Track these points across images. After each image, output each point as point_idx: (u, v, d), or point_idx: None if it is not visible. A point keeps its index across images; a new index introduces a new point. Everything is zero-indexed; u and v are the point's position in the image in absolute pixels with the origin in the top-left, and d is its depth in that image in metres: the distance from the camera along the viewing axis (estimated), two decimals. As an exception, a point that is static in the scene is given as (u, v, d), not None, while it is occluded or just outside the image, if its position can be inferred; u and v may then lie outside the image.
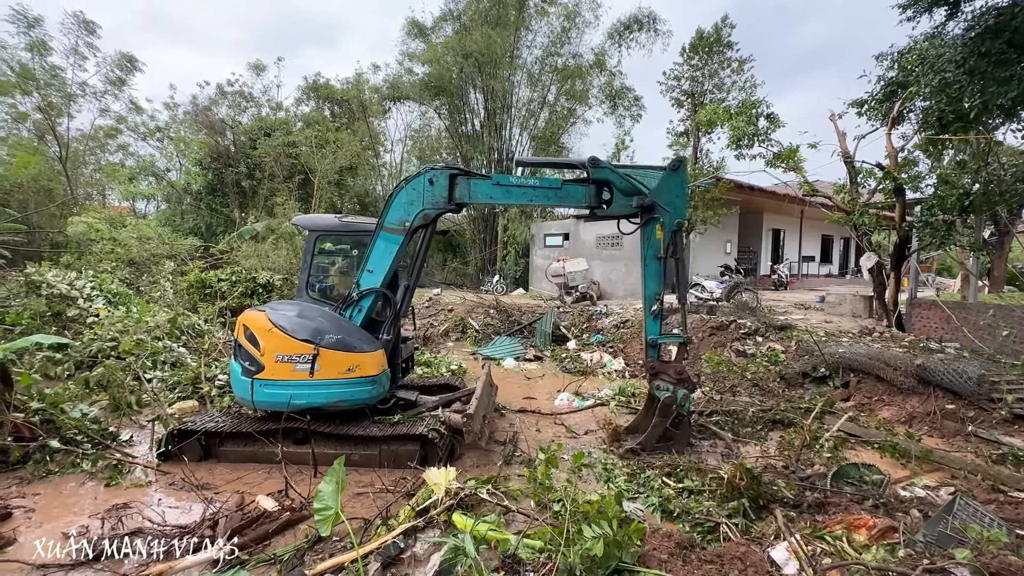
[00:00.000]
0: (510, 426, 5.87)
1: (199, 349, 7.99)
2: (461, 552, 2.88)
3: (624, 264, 16.58)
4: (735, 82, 16.64)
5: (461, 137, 24.06)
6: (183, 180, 25.47)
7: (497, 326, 12.37)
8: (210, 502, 3.89)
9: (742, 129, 10.55)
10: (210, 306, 10.89)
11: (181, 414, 5.75)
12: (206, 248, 17.08)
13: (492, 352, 10.28)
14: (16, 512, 3.80)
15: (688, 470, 4.39)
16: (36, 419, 4.71)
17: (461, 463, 4.67)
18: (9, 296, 9.58)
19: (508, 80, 22.62)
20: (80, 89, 22.53)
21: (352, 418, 4.83)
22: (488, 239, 23.69)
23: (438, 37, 23.15)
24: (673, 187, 4.79)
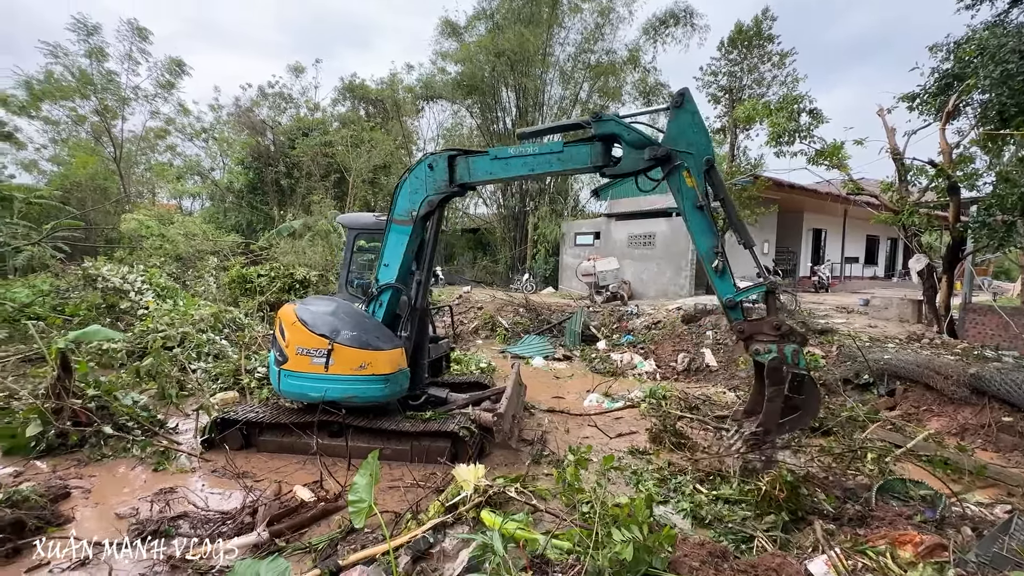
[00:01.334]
0: (538, 426, 5.87)
1: (240, 342, 8.31)
2: (489, 550, 2.90)
3: (656, 264, 16.31)
4: (776, 77, 16.09)
5: (492, 135, 24.12)
6: (226, 179, 26.51)
7: (526, 325, 12.37)
8: (250, 490, 4.05)
9: (782, 125, 10.20)
10: (250, 301, 11.30)
11: (223, 404, 5.99)
12: (247, 245, 17.74)
13: (521, 351, 10.30)
14: (74, 492, 4.05)
15: (722, 477, 4.29)
16: (92, 405, 5.00)
17: (490, 461, 4.70)
18: (69, 289, 10.21)
19: (540, 78, 22.55)
20: (133, 93, 23.73)
21: (384, 413, 4.93)
22: (518, 237, 23.70)
23: (471, 36, 23.28)
24: (685, 124, 4.17)
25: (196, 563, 3.10)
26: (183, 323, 8.23)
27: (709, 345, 9.15)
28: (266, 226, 21.92)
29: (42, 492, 3.74)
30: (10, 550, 3.16)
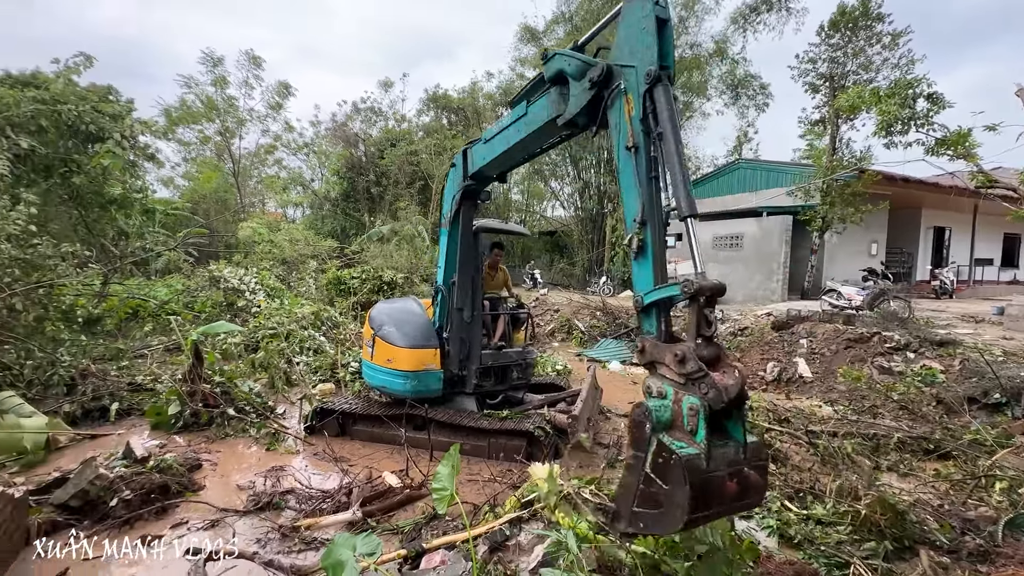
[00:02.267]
0: (614, 430, 5.82)
1: (335, 339, 9.07)
2: (563, 547, 2.98)
3: (743, 265, 15.38)
4: (887, 59, 14.46)
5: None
6: (324, 188, 28.89)
7: (603, 328, 12.24)
8: (345, 473, 4.45)
9: (894, 113, 9.24)
10: (344, 301, 12.28)
11: (322, 395, 6.60)
12: (341, 249, 19.23)
13: (598, 354, 10.22)
14: (204, 464, 4.70)
15: (815, 495, 4.01)
16: (218, 390, 5.75)
17: (565, 462, 4.76)
18: (197, 288, 11.73)
19: (620, 77, 22.18)
20: (248, 114, 26.70)
21: (465, 410, 5.18)
22: (596, 239, 23.46)
23: (549, 40, 23.44)
24: (634, 25, 2.85)
25: (302, 533, 3.49)
26: (288, 320, 9.16)
27: (803, 354, 8.50)
28: (358, 231, 23.60)
29: (181, 462, 4.39)
30: (159, 508, 3.76)
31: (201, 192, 23.93)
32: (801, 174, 14.96)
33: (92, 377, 6.24)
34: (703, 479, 1.91)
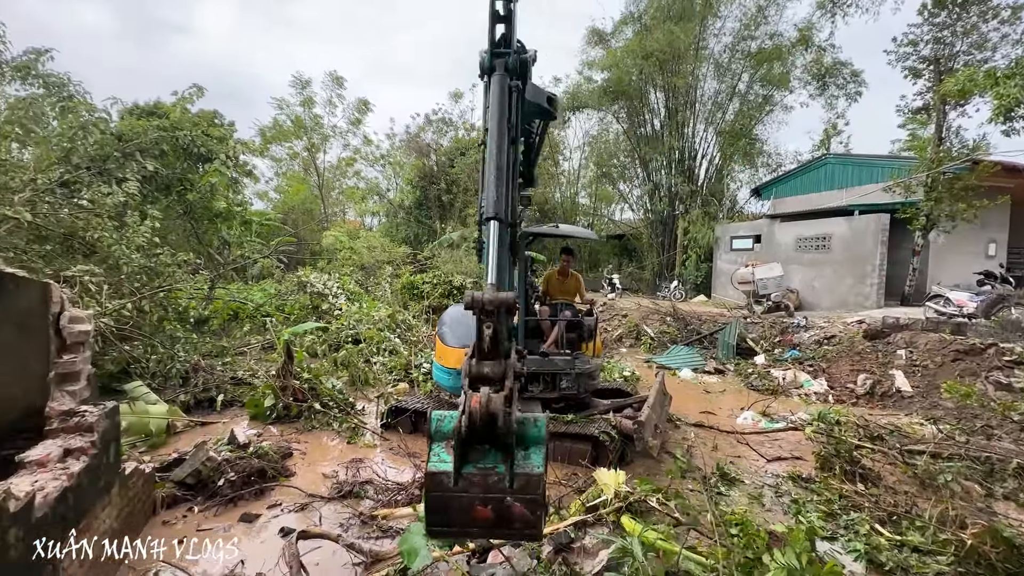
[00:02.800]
0: (684, 439, 5.66)
1: (409, 340, 9.54)
2: (628, 554, 2.97)
3: (832, 269, 14.23)
4: (1005, 36, 12.77)
5: (640, 139, 23.59)
6: (398, 197, 30.36)
7: (673, 334, 11.86)
8: (418, 468, 4.69)
9: (1014, 96, 8.19)
10: (417, 304, 12.86)
11: (397, 394, 6.98)
12: (414, 255, 20.12)
13: (667, 361, 9.92)
14: (295, 452, 5.16)
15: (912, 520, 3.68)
16: (306, 386, 6.28)
17: (631, 469, 4.71)
18: (287, 292, 12.81)
19: (692, 74, 21.40)
20: (332, 130, 28.73)
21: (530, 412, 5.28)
22: (666, 243, 22.72)
23: (618, 41, 23.13)
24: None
25: (379, 522, 3.74)
26: (366, 322, 9.76)
27: (901, 366, 7.73)
28: (429, 238, 24.57)
29: (275, 450, 4.86)
30: (257, 490, 4.20)
31: (290, 204, 26.11)
32: (900, 168, 13.58)
33: (202, 371, 7.04)
34: (445, 497, 1.75)
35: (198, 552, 3.41)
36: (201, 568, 3.25)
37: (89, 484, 2.76)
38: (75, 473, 2.57)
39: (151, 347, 6.92)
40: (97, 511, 2.87)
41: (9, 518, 2.03)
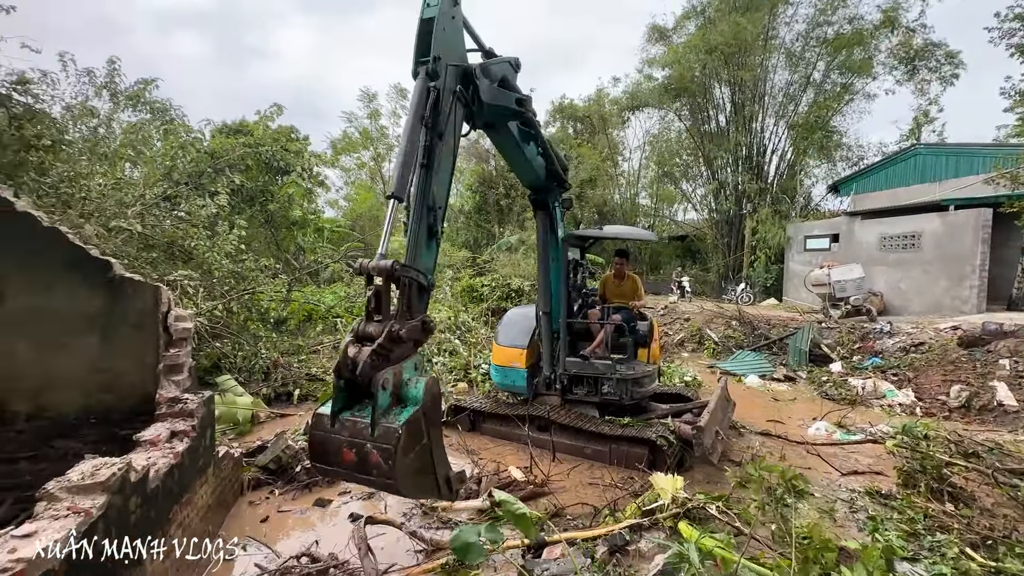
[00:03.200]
0: (748, 448, 5.43)
1: (468, 342, 9.81)
2: (685, 560, 2.94)
3: (923, 270, 13.00)
4: None
5: (703, 136, 22.76)
6: (458, 202, 31.20)
7: (739, 339, 11.34)
8: (476, 464, 4.86)
9: None
10: (476, 307, 13.16)
11: (456, 393, 7.22)
12: (473, 259, 20.58)
13: (732, 367, 9.52)
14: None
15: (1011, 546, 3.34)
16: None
17: (690, 475, 4.60)
18: (356, 295, 13.55)
19: (760, 66, 20.37)
20: (396, 140, 30.02)
21: (584, 415, 5.29)
22: (732, 243, 21.73)
23: (680, 37, 22.47)
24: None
25: (439, 513, 3.92)
26: (428, 324, 10.14)
27: (1005, 377, 6.95)
28: (488, 242, 25.03)
29: (345, 441, 5.20)
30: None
31: (358, 211, 27.58)
32: (1007, 156, 12.16)
33: (281, 367, 7.65)
34: (321, 436, 2.13)
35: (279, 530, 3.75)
36: (283, 543, 3.58)
37: (190, 463, 3.14)
38: (180, 452, 2.93)
39: (238, 344, 7.60)
40: (196, 487, 3.25)
41: (131, 487, 2.37)
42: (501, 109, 3.44)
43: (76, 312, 3.24)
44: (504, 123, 3.76)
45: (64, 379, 3.27)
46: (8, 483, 3.16)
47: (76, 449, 3.26)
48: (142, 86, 13.07)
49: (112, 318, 3.29)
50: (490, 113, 3.38)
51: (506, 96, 3.44)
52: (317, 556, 3.32)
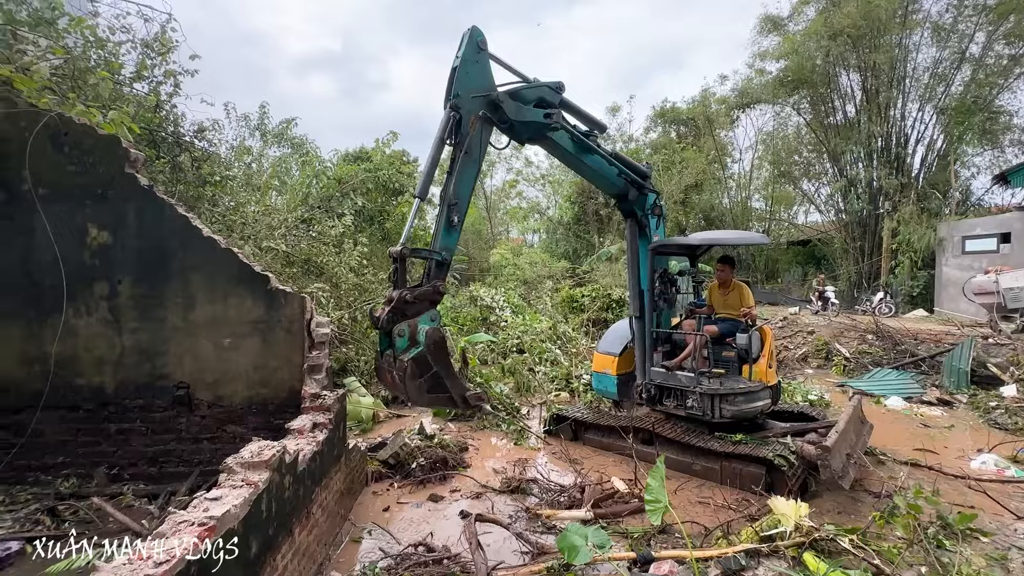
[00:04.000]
0: (890, 478, 4.78)
1: (569, 352, 9.84)
2: (811, 592, 2.70)
3: None
4: None
5: (828, 129, 20.61)
6: (557, 214, 31.46)
7: (877, 355, 10.00)
8: (578, 473, 4.87)
9: None
10: (576, 317, 13.15)
11: (558, 402, 7.29)
12: (573, 269, 20.60)
13: (869, 387, 8.42)
14: (470, 447, 5.78)
15: None
16: (479, 390, 6.96)
17: (816, 503, 4.18)
18: (461, 305, 14.28)
19: (899, 46, 18.00)
20: (497, 156, 31.20)
21: (693, 430, 5.05)
22: (866, 247, 19.28)
23: (796, 25, 20.71)
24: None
25: (544, 519, 4.01)
26: (530, 334, 10.37)
27: None
28: (587, 252, 24.88)
29: (455, 443, 5.53)
30: (441, 476, 4.84)
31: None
32: None
33: (397, 371, 8.32)
34: (377, 366, 3.53)
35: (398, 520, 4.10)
36: (402, 532, 3.91)
37: (328, 452, 3.58)
38: (320, 441, 3.37)
39: (361, 350, 8.43)
40: (332, 474, 3.69)
41: (285, 467, 2.79)
42: (531, 124, 4.14)
43: (243, 319, 3.89)
44: (544, 136, 4.30)
45: (234, 375, 3.94)
46: (195, 458, 3.86)
47: (242, 433, 3.89)
48: (285, 125, 15.18)
49: (270, 324, 3.90)
50: (524, 128, 4.15)
51: (533, 112, 4.10)
52: (432, 546, 3.57)
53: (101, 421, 3.95)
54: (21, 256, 3.87)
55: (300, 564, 3.03)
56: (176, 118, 8.02)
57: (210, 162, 8.72)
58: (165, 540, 1.96)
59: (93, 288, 3.91)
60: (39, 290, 3.88)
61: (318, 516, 3.40)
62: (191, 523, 2.07)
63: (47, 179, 3.89)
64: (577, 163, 4.79)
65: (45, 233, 3.84)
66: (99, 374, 3.95)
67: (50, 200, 3.88)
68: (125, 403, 3.95)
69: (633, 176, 5.07)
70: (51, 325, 3.88)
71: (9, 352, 3.88)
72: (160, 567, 1.77)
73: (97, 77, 5.54)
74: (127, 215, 3.95)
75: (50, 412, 3.89)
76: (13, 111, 3.82)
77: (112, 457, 3.96)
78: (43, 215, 3.83)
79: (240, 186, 9.71)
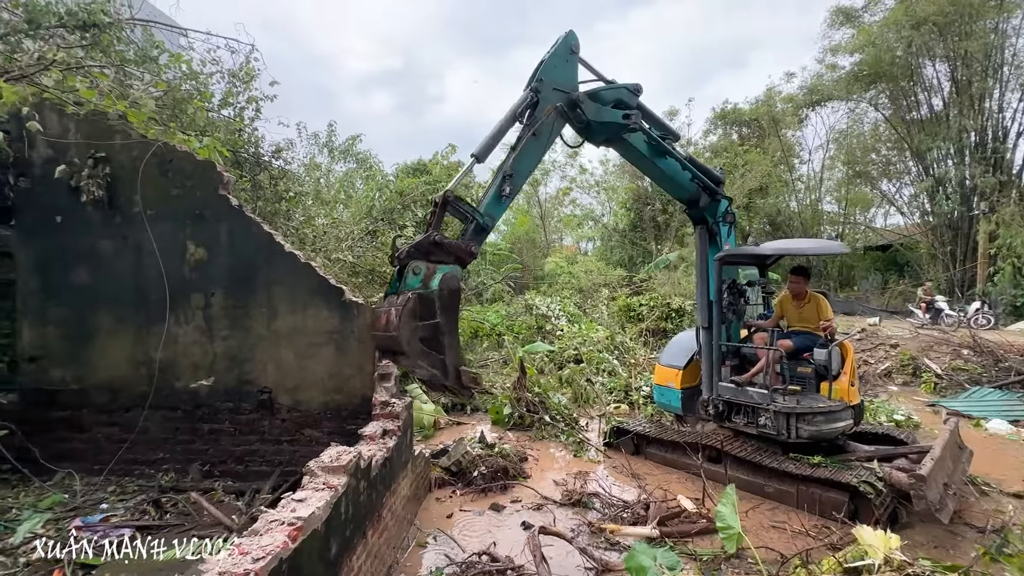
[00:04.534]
0: (997, 511, 4.31)
1: (627, 363, 9.64)
2: (907, 633, 2.49)
3: None
4: None
5: (910, 125, 19.07)
6: (612, 221, 30.99)
7: (975, 372, 9.07)
8: (642, 489, 4.76)
9: None
10: (633, 327, 12.87)
11: (618, 414, 7.16)
12: (629, 277, 20.19)
13: (966, 407, 7.65)
14: (529, 457, 5.79)
15: None
16: (536, 399, 6.99)
17: (908, 535, 3.84)
18: (516, 314, 14.37)
19: (995, 31, 16.39)
20: (551, 164, 31.28)
21: (765, 449, 4.79)
22: (958, 252, 17.59)
23: (872, 15, 19.37)
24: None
25: (607, 535, 3.95)
26: (586, 343, 10.26)
27: None
28: (644, 260, 24.31)
29: (514, 453, 5.56)
30: (502, 485, 4.89)
31: (516, 234, 29.20)
32: None
33: (456, 379, 8.50)
34: (375, 308, 3.34)
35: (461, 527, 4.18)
36: (465, 539, 3.98)
37: (396, 458, 3.72)
38: (390, 448, 3.51)
39: (422, 357, 8.67)
40: (400, 479, 3.83)
41: (360, 472, 2.94)
42: (609, 124, 4.15)
43: (320, 329, 4.15)
44: (620, 138, 4.30)
45: (311, 381, 4.19)
46: (276, 458, 4.14)
47: (318, 437, 4.13)
48: (350, 142, 16.00)
49: (343, 333, 4.13)
50: (601, 129, 4.17)
51: (611, 113, 4.11)
52: (496, 556, 3.61)
53: (195, 421, 4.32)
54: (132, 271, 4.34)
55: (372, 566, 3.16)
56: (257, 140, 8.67)
57: (286, 179, 9.35)
58: (259, 537, 2.12)
59: (191, 300, 4.31)
60: (147, 301, 4.32)
61: (388, 520, 3.53)
62: (281, 522, 2.23)
63: (153, 202, 4.33)
64: (651, 166, 4.76)
65: (152, 250, 4.29)
66: (194, 378, 4.33)
67: (156, 220, 4.32)
68: (216, 405, 4.31)
69: (707, 181, 4.93)
70: (156, 333, 4.31)
71: (122, 356, 4.35)
72: (257, 563, 1.92)
73: (193, 106, 6.12)
74: (220, 233, 4.32)
75: (154, 412, 4.31)
76: (128, 142, 4.30)
77: (204, 455, 4.32)
78: (151, 234, 4.28)
79: (310, 201, 10.33)
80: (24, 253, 4.41)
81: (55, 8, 6.20)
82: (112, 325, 4.36)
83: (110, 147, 4.29)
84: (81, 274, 4.37)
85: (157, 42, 7.49)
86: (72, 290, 4.37)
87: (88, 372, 4.38)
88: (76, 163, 4.27)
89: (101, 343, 4.37)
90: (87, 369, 4.37)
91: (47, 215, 4.37)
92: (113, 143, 4.29)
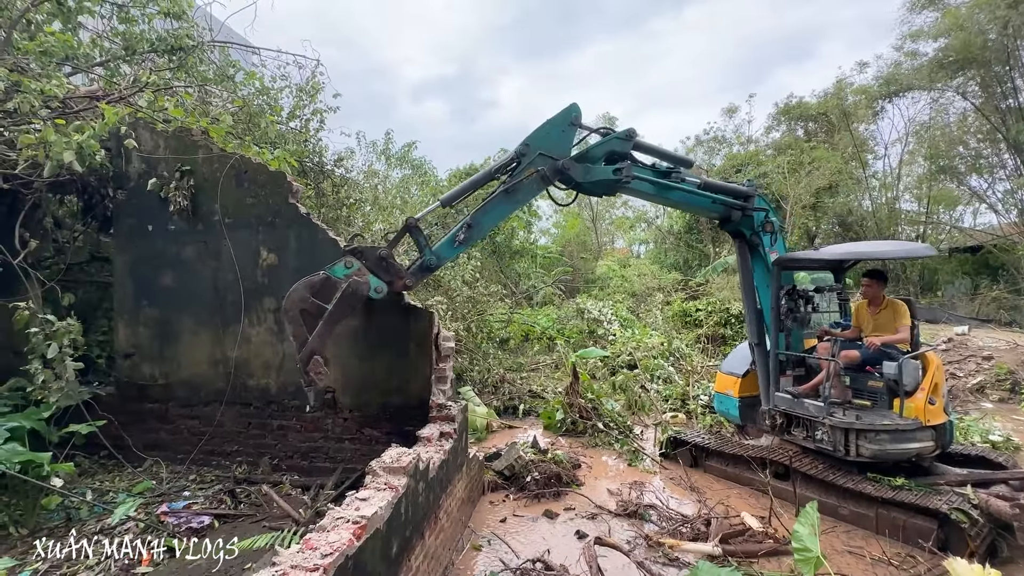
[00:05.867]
0: (1120, 550, 3.80)
1: (683, 370, 9.31)
2: None
3: None
4: None
5: (1005, 114, 17.30)
6: (666, 223, 30.11)
7: (1089, 390, 8.05)
8: (702, 504, 4.57)
9: None
10: (690, 333, 12.42)
11: (674, 423, 6.93)
12: (685, 281, 19.53)
13: (1077, 429, 6.80)
14: (582, 464, 5.71)
15: None
16: (589, 406, 6.88)
17: (1008, 569, 3.45)
18: (567, 317, 14.24)
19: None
20: (603, 166, 30.87)
21: (839, 468, 4.47)
22: (1066, 254, 15.69)
23: (959, -3, 17.71)
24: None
25: (665, 549, 3.82)
26: (640, 349, 10.01)
27: None
28: (701, 263, 23.44)
29: (567, 459, 5.50)
30: (555, 492, 4.85)
31: (567, 237, 28.99)
32: None
33: (507, 383, 8.53)
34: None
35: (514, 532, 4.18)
36: (519, 545, 3.97)
37: (452, 460, 3.77)
38: (447, 450, 3.57)
39: (475, 360, 8.79)
40: (455, 481, 3.88)
41: (419, 473, 3.00)
42: (600, 183, 4.27)
43: (380, 331, 4.28)
44: (617, 188, 4.40)
45: (371, 383, 4.34)
46: (339, 456, 4.32)
47: (377, 437, 4.26)
48: (406, 148, 16.50)
49: (402, 337, 4.24)
50: (594, 187, 4.34)
51: (602, 171, 4.21)
52: (550, 564, 3.58)
53: (266, 417, 4.58)
54: (212, 275, 4.67)
55: (429, 566, 3.22)
56: (320, 149, 9.12)
57: (347, 187, 9.77)
58: (327, 534, 2.21)
59: (263, 302, 4.58)
60: (224, 304, 4.64)
61: (444, 521, 3.59)
62: (346, 520, 2.31)
63: (231, 210, 4.65)
64: (663, 200, 4.86)
65: (229, 256, 4.59)
66: (265, 376, 4.59)
67: (233, 228, 4.63)
68: (284, 403, 4.55)
69: (730, 201, 4.77)
70: (232, 333, 4.61)
71: (202, 355, 4.69)
72: (326, 559, 2.00)
73: (265, 120, 6.52)
74: (289, 239, 4.57)
75: (229, 407, 4.61)
76: (209, 155, 4.64)
77: (273, 449, 4.56)
78: (228, 241, 4.58)
79: (369, 207, 10.72)
80: (120, 258, 4.85)
81: (148, 35, 6.82)
82: (194, 325, 4.71)
83: (194, 160, 4.64)
84: (168, 278, 4.76)
85: (233, 61, 8.05)
86: (160, 293, 4.76)
87: (173, 369, 4.75)
88: (165, 176, 4.65)
89: (185, 342, 4.73)
90: (172, 366, 4.75)
91: (140, 224, 4.79)
92: (196, 157, 4.64)
